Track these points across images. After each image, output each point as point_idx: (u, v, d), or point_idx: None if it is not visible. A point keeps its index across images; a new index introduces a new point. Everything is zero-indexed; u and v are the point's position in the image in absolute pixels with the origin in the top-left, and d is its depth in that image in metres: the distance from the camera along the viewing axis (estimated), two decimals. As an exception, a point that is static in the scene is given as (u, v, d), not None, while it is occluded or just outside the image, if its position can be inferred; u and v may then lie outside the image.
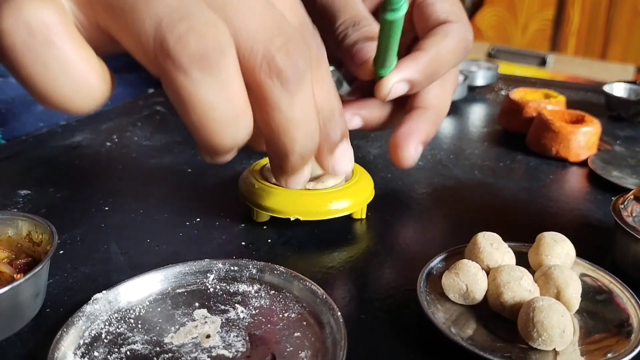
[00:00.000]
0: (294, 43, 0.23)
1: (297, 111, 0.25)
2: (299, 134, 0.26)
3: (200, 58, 0.21)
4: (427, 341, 0.29)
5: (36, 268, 0.29)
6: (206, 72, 0.21)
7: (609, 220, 0.36)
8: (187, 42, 0.21)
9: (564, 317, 0.27)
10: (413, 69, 0.38)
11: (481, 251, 0.32)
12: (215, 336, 0.28)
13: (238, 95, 0.23)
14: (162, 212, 0.42)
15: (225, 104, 0.23)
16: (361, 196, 0.40)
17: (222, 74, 0.22)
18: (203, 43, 0.21)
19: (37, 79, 0.21)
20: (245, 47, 0.23)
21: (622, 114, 0.66)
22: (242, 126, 0.24)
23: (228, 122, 0.23)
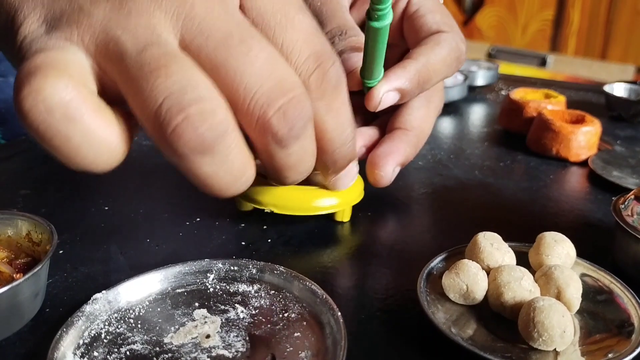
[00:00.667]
0: (293, 103, 0.24)
1: (292, 159, 0.26)
2: (291, 175, 0.27)
3: (197, 146, 0.22)
4: (427, 341, 0.29)
5: (36, 268, 0.29)
6: (203, 155, 0.23)
7: (610, 220, 0.36)
8: (182, 134, 0.22)
9: (565, 317, 0.27)
10: (403, 78, 0.37)
11: (481, 251, 0.32)
12: (215, 336, 0.28)
13: (237, 163, 0.24)
14: (162, 212, 0.42)
15: (224, 173, 0.24)
16: (347, 197, 0.39)
17: (220, 153, 0.23)
18: (199, 134, 0.22)
19: (61, 150, 0.22)
20: (243, 106, 0.23)
21: (623, 114, 0.66)
22: (243, 182, 0.25)
23: (228, 185, 0.24)
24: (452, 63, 0.40)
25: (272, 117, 0.23)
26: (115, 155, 0.24)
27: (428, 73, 0.38)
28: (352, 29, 0.39)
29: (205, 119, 0.22)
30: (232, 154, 0.23)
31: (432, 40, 0.39)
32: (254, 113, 0.23)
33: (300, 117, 0.24)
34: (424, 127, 0.42)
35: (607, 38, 2.10)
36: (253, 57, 0.23)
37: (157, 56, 0.22)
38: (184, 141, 0.22)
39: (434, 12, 0.41)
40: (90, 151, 0.23)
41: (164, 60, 0.22)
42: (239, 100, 0.23)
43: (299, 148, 0.25)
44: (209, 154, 0.22)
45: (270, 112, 0.23)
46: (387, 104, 0.38)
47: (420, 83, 0.38)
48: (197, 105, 0.22)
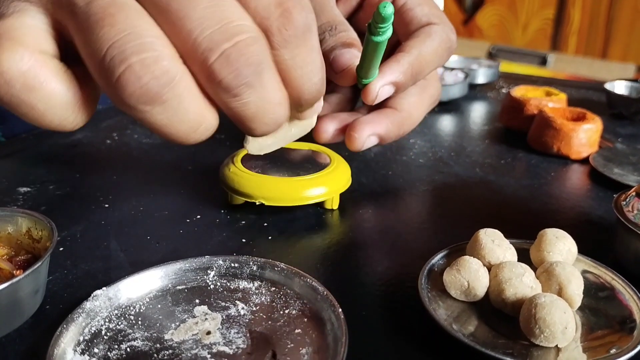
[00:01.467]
0: (238, 48, 0.22)
1: (252, 108, 0.24)
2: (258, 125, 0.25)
3: (142, 96, 0.22)
4: (428, 338, 0.29)
5: (36, 265, 0.29)
6: (151, 105, 0.22)
7: (611, 217, 0.36)
8: (126, 84, 0.21)
9: (566, 314, 0.26)
10: (397, 72, 0.39)
11: (483, 248, 0.31)
12: (216, 333, 0.28)
13: (191, 110, 0.23)
14: (162, 209, 0.42)
15: (178, 122, 0.23)
16: (335, 185, 0.40)
17: (170, 102, 0.22)
18: (142, 83, 0.21)
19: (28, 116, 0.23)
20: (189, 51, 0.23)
21: (623, 112, 0.66)
22: (202, 130, 0.24)
23: (186, 132, 0.24)
24: (443, 53, 0.41)
25: (214, 63, 0.22)
26: (81, 114, 0.24)
27: (421, 65, 0.40)
28: (341, 24, 0.40)
29: (148, 68, 0.21)
30: (185, 102, 0.23)
31: (423, 32, 0.40)
32: (197, 59, 0.23)
33: (247, 63, 0.23)
34: (412, 111, 0.43)
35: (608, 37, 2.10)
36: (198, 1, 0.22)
37: (104, 5, 0.22)
38: (129, 92, 0.22)
39: (422, 4, 0.42)
40: (56, 114, 0.23)
41: (110, 9, 0.22)
42: (185, 46, 0.23)
43: (256, 98, 0.24)
44: (157, 103, 0.22)
45: (212, 57, 0.22)
46: (383, 97, 0.39)
47: (414, 75, 0.40)
48: (139, 55, 0.21)
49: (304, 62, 0.26)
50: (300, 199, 0.39)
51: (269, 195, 0.39)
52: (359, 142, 0.40)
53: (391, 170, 0.50)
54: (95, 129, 0.60)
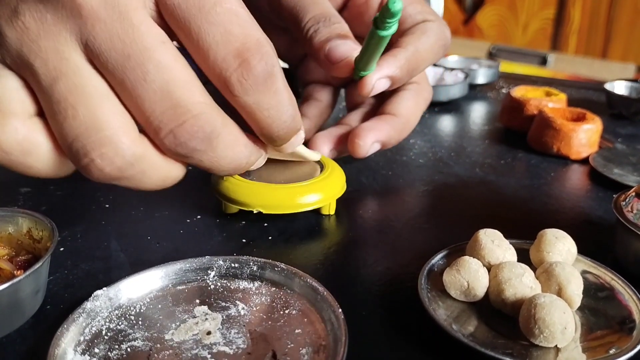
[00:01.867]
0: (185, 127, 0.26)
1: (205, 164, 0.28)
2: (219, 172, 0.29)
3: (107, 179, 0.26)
4: (428, 338, 0.29)
5: (36, 265, 0.29)
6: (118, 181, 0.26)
7: (611, 217, 0.36)
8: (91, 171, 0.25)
9: (566, 314, 0.27)
10: (394, 66, 0.39)
11: (482, 248, 0.32)
12: (216, 333, 0.28)
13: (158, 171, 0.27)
14: (163, 209, 0.42)
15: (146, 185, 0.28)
16: (330, 191, 0.40)
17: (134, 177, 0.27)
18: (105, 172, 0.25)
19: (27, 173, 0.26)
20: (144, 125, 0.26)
21: (623, 112, 0.66)
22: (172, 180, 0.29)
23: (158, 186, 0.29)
24: (439, 50, 0.42)
25: (164, 139, 0.26)
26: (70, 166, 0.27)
27: (417, 61, 0.40)
28: (334, 16, 0.40)
29: (109, 160, 0.25)
30: (148, 171, 0.27)
31: (419, 29, 0.41)
32: (151, 133, 0.26)
33: (193, 138, 0.26)
34: (410, 116, 0.44)
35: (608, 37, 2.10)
36: (149, 82, 0.24)
37: (65, 92, 0.24)
38: (95, 177, 0.25)
39: (414, 3, 0.43)
40: (51, 167, 0.26)
41: (72, 99, 0.24)
42: (140, 119, 0.26)
43: (208, 158, 0.27)
44: (123, 180, 0.26)
45: (162, 134, 0.26)
46: (378, 90, 0.40)
47: (410, 70, 0.40)
48: (100, 149, 0.24)
49: (269, 104, 0.28)
50: (295, 206, 0.39)
51: (263, 203, 0.38)
52: (364, 149, 0.41)
53: (391, 171, 0.50)
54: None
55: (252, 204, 0.39)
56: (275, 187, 0.39)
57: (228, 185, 0.39)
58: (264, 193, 0.39)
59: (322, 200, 0.40)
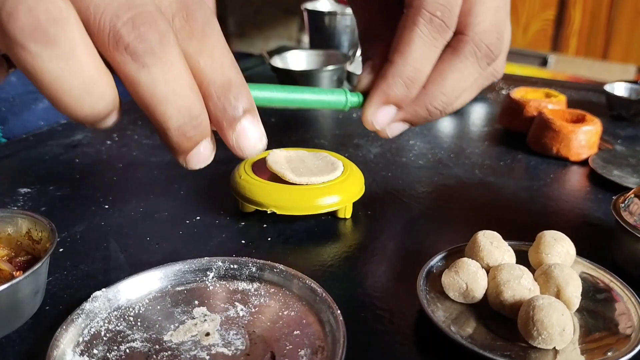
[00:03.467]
0: (143, 16, 0.23)
1: (160, 85, 0.24)
2: (168, 109, 0.25)
3: (34, 31, 0.21)
4: (426, 339, 0.29)
5: (36, 266, 0.29)
6: (42, 44, 0.22)
7: (610, 219, 0.36)
8: (17, 16, 0.21)
9: (564, 316, 0.27)
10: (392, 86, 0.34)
11: (481, 250, 0.32)
12: (215, 334, 0.28)
13: (86, 65, 0.23)
14: (162, 211, 0.42)
15: (71, 75, 0.23)
16: (347, 194, 0.40)
17: (62, 45, 0.22)
18: (33, 15, 0.21)
19: None
20: (94, 23, 0.23)
21: (623, 114, 0.66)
22: (97, 96, 0.24)
23: (79, 93, 0.23)
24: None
25: (121, 28, 0.23)
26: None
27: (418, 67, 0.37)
28: None
29: (40, 2, 0.21)
30: (78, 50, 0.23)
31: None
32: (104, 28, 0.23)
33: (151, 30, 0.23)
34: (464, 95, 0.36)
35: (609, 38, 2.10)
36: None
37: None
38: (19, 24, 0.21)
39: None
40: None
41: None
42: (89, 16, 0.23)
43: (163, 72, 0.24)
44: (48, 43, 0.22)
45: (119, 23, 0.23)
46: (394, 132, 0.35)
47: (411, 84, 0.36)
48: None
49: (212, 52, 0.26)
50: (312, 208, 0.38)
51: (280, 204, 0.38)
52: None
53: (390, 172, 0.50)
54: (95, 130, 0.60)
55: (267, 204, 0.39)
56: (291, 188, 0.39)
57: (245, 184, 0.39)
58: (279, 193, 0.38)
59: (339, 203, 0.39)
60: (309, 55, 0.81)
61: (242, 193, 0.39)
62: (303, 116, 0.55)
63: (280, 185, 0.39)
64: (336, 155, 0.44)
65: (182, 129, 0.26)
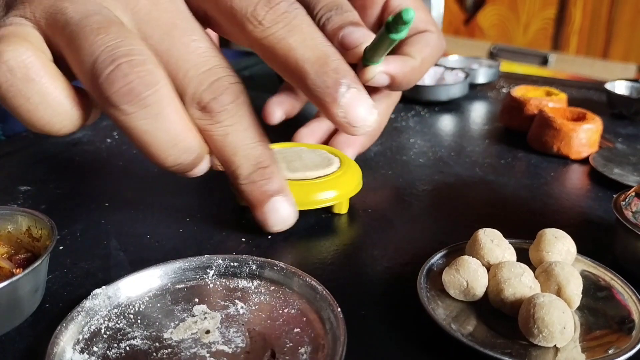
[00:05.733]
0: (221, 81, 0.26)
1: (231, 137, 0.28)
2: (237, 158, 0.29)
3: (127, 94, 0.24)
4: (427, 337, 0.29)
5: (35, 263, 0.29)
6: (135, 105, 0.24)
7: (610, 217, 0.36)
8: (113, 80, 0.23)
9: (565, 314, 0.27)
10: (400, 69, 0.40)
11: (482, 247, 0.32)
12: (215, 332, 0.28)
13: (172, 123, 0.25)
14: (162, 208, 0.42)
15: (158, 131, 0.25)
16: (345, 189, 0.40)
17: (152, 106, 0.24)
18: (128, 80, 0.24)
19: (21, 109, 0.25)
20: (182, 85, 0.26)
21: (624, 112, 0.66)
22: (184, 149, 0.26)
23: (167, 146, 0.26)
24: (434, 61, 0.44)
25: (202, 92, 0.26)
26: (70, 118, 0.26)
27: (420, 72, 0.42)
28: (346, 4, 0.40)
29: (135, 67, 0.24)
30: (166, 110, 0.25)
31: (423, 39, 0.42)
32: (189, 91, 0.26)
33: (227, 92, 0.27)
34: (382, 121, 0.46)
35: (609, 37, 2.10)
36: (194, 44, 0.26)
37: (99, 20, 0.24)
38: (115, 89, 0.24)
39: (418, 9, 0.44)
40: (47, 111, 0.25)
41: (105, 23, 0.24)
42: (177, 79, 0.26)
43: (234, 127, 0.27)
44: (139, 104, 0.24)
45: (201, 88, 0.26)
46: (377, 83, 0.39)
47: (411, 80, 0.41)
48: (128, 57, 0.24)
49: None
50: (310, 203, 0.38)
51: None
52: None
53: (391, 170, 0.50)
54: (95, 127, 0.60)
55: None
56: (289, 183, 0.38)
57: None
58: None
59: (336, 198, 0.39)
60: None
61: None
62: (302, 114, 0.55)
63: None
64: (334, 151, 0.44)
65: (252, 177, 0.30)
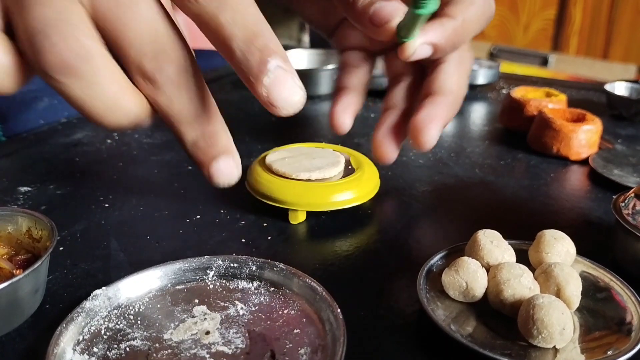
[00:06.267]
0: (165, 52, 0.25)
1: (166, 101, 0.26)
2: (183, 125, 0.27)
3: (60, 66, 0.24)
4: (426, 338, 0.29)
5: (36, 264, 0.29)
6: (67, 76, 0.24)
7: (610, 218, 0.36)
8: (44, 53, 0.24)
9: (564, 315, 0.27)
10: (440, 35, 0.38)
11: (481, 248, 0.32)
12: (215, 333, 0.28)
13: (110, 91, 0.25)
14: (162, 209, 0.42)
15: (96, 99, 0.25)
16: (365, 188, 0.40)
17: (86, 76, 0.24)
18: (58, 52, 0.24)
19: None
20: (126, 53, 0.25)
21: (623, 113, 0.66)
22: (123, 114, 0.26)
23: (104, 112, 0.26)
24: (483, 22, 0.41)
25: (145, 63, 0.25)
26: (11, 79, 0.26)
27: (463, 32, 0.39)
28: None
29: (66, 42, 0.24)
30: (102, 80, 0.25)
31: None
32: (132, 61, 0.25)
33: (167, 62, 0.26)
34: (459, 90, 0.42)
35: (609, 37, 2.10)
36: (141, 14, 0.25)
37: None
38: (49, 63, 0.24)
39: None
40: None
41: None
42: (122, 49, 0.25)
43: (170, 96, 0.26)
44: (73, 75, 0.24)
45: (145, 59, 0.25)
46: (420, 56, 0.38)
47: (455, 42, 0.39)
48: (61, 31, 0.24)
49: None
50: (327, 205, 0.39)
51: (296, 200, 0.39)
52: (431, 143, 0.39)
53: (391, 171, 0.50)
54: (95, 128, 0.60)
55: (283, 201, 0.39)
56: (313, 185, 0.39)
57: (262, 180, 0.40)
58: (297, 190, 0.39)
59: (357, 199, 0.40)
60: (310, 54, 0.81)
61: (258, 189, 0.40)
62: (303, 116, 0.55)
63: (302, 183, 0.39)
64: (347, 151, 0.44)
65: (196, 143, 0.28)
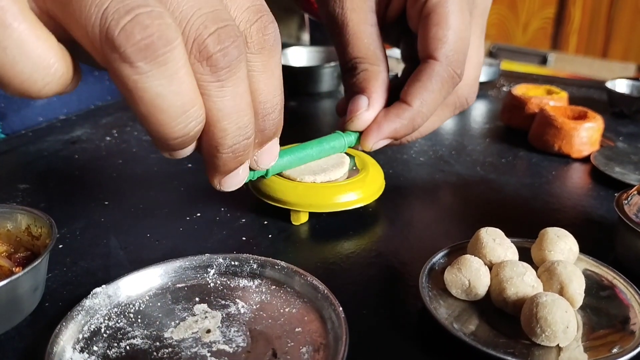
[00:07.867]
0: (227, 30, 0.23)
1: (228, 101, 0.24)
2: (230, 126, 0.25)
3: (146, 49, 0.21)
4: (429, 337, 0.29)
5: (35, 262, 0.28)
6: (152, 63, 0.21)
7: (612, 216, 0.36)
8: (132, 32, 0.21)
9: (568, 313, 0.26)
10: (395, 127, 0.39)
11: (484, 246, 0.31)
12: (216, 331, 0.28)
13: (186, 85, 0.23)
14: (162, 207, 0.42)
15: (173, 94, 0.22)
16: (369, 189, 0.40)
17: (169, 64, 0.22)
18: (148, 33, 0.21)
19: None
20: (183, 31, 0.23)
21: (625, 111, 0.65)
22: (192, 116, 0.24)
23: (177, 112, 0.23)
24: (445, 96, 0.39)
25: (207, 38, 0.23)
26: (53, 75, 0.22)
27: (424, 115, 0.39)
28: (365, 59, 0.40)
29: (154, 20, 0.21)
30: (181, 71, 0.22)
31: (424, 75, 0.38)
32: (190, 35, 0.23)
33: (234, 45, 0.23)
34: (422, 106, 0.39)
35: (608, 36, 2.10)
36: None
37: None
38: (132, 42, 0.21)
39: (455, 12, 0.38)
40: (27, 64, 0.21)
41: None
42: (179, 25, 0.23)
43: (234, 90, 0.24)
44: (157, 62, 0.21)
45: (206, 33, 0.23)
46: (379, 147, 0.40)
47: (414, 126, 0.39)
48: (146, 7, 0.21)
49: (273, 72, 0.27)
50: (332, 206, 0.38)
51: (300, 201, 0.38)
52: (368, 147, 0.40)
53: (392, 169, 0.50)
54: (94, 125, 0.59)
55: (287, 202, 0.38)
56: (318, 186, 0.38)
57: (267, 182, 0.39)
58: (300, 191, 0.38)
59: (360, 200, 0.39)
60: (310, 52, 0.80)
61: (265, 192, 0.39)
62: (304, 113, 0.55)
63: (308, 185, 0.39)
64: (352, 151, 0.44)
65: (234, 147, 0.26)
